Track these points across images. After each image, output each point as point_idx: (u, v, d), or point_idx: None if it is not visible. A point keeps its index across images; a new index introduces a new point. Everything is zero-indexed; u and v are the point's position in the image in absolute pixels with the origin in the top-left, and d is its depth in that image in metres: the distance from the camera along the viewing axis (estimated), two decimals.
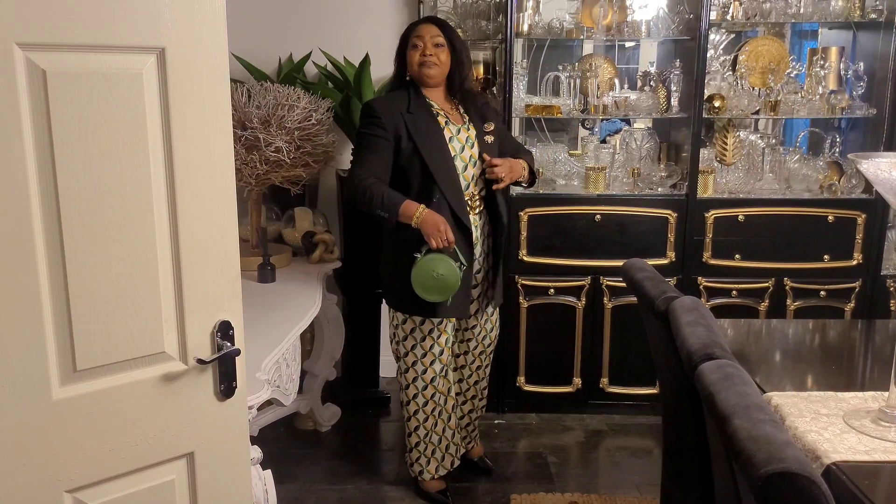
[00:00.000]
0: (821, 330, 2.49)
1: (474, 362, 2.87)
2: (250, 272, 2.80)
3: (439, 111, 2.58)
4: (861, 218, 3.32)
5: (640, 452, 3.20)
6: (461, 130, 2.58)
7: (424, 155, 2.48)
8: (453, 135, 2.55)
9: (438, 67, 2.53)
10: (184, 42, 1.30)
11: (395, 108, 2.53)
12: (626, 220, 3.33)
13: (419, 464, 2.78)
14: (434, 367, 2.66)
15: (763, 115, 3.39)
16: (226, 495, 1.52)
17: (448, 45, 2.54)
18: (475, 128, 2.62)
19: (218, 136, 1.37)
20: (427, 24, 2.57)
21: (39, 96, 1.17)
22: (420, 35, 2.52)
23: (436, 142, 2.51)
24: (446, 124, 2.56)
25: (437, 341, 2.64)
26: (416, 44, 2.53)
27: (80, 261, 1.25)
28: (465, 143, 2.57)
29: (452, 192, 2.50)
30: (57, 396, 1.26)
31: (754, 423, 1.18)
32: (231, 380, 1.46)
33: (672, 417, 2.06)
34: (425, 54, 2.51)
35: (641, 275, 2.10)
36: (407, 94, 2.56)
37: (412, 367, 2.67)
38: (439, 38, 2.52)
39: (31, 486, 1.26)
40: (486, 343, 2.85)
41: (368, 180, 2.46)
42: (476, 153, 2.59)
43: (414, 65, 2.53)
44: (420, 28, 2.55)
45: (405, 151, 2.50)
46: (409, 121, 2.50)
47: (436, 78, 2.55)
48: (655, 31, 3.39)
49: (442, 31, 2.53)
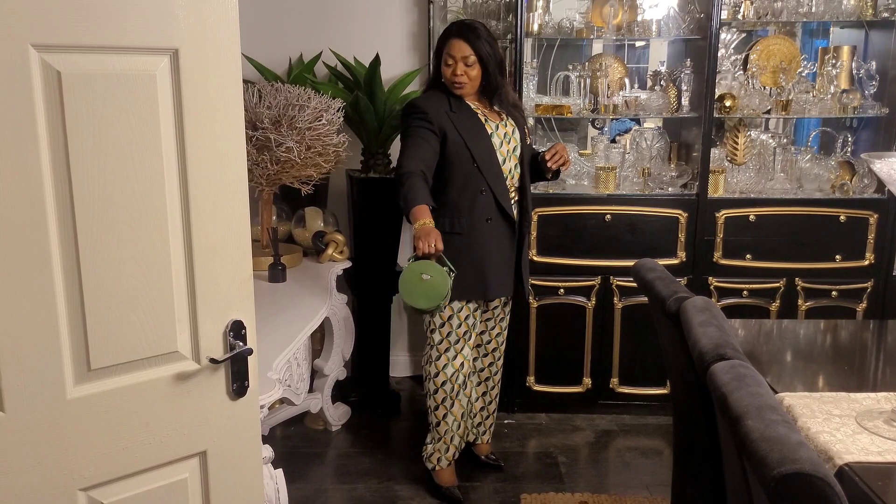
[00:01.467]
0: (832, 330, 2.48)
1: (494, 351, 2.94)
2: (261, 272, 2.81)
3: (477, 109, 2.70)
4: (873, 218, 3.30)
5: (650, 453, 3.19)
6: (499, 126, 2.70)
7: (472, 148, 2.61)
8: (493, 130, 2.68)
9: (469, 84, 2.64)
10: (197, 43, 1.30)
11: (439, 106, 2.64)
12: (636, 220, 3.32)
13: (438, 451, 2.82)
14: (463, 354, 2.75)
15: (774, 114, 3.37)
16: (238, 494, 1.53)
17: (479, 61, 2.61)
18: (512, 125, 2.74)
19: (231, 137, 1.38)
20: (458, 40, 2.60)
21: (54, 97, 1.18)
22: (451, 54, 2.61)
23: (481, 136, 2.64)
24: (486, 121, 2.68)
25: (457, 330, 2.72)
26: (447, 61, 2.63)
27: (94, 261, 1.26)
28: (503, 139, 2.69)
29: (497, 183, 2.65)
30: (71, 395, 1.27)
31: (767, 424, 1.17)
32: (243, 379, 1.47)
33: (683, 418, 2.06)
34: (456, 74, 2.61)
35: (652, 275, 2.09)
36: (446, 96, 2.67)
37: (444, 353, 2.72)
38: (470, 58, 2.60)
39: (45, 483, 1.27)
40: (503, 325, 2.92)
41: (410, 172, 2.51)
42: (512, 148, 2.71)
43: (447, 78, 2.65)
44: (452, 45, 2.61)
45: (452, 146, 2.61)
46: (453, 118, 2.63)
47: (468, 93, 2.68)
48: (666, 31, 3.38)
49: (472, 48, 2.59)
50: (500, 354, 2.97)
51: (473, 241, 2.67)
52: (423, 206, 2.47)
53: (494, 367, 2.96)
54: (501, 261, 2.72)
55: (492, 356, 2.94)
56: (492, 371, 2.96)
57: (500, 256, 2.72)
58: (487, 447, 3.07)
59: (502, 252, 2.72)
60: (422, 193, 2.49)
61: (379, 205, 3.37)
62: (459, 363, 2.75)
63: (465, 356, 2.76)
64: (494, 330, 2.90)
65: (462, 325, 2.73)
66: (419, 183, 2.50)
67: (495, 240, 2.69)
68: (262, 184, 2.89)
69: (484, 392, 2.99)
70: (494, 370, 2.96)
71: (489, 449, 3.07)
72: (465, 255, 2.64)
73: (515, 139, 2.72)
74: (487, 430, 3.05)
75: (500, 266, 2.72)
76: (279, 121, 2.78)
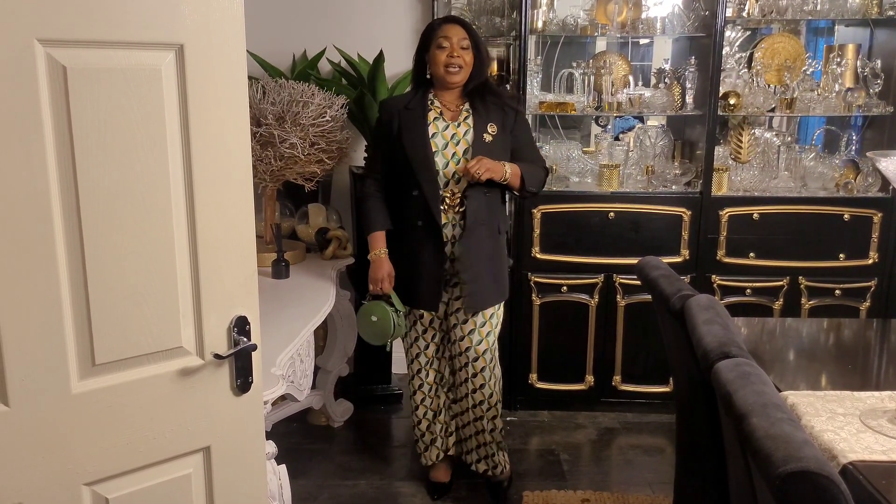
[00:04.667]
0: (836, 329, 2.47)
1: (461, 370, 2.69)
2: (264, 268, 2.81)
3: (437, 106, 2.58)
4: (877, 216, 3.29)
5: (652, 451, 3.19)
6: (450, 127, 2.55)
7: (407, 149, 2.54)
8: (438, 131, 2.55)
9: (464, 70, 2.52)
10: (202, 38, 1.30)
11: (397, 104, 2.62)
12: (639, 218, 3.31)
13: (419, 448, 2.85)
14: (419, 360, 2.74)
15: (779, 112, 3.36)
16: (241, 489, 1.53)
17: (473, 47, 2.53)
18: (475, 125, 2.55)
19: (235, 133, 1.38)
20: (453, 24, 2.54)
21: (60, 92, 1.17)
22: (447, 36, 2.51)
23: (419, 136, 2.53)
24: (434, 119, 2.56)
25: (421, 335, 2.72)
26: (442, 44, 2.51)
27: (99, 256, 1.26)
28: (449, 140, 2.54)
29: (429, 187, 2.52)
30: (76, 390, 1.27)
31: (772, 422, 1.17)
32: (247, 375, 1.47)
33: (686, 416, 2.06)
34: (452, 55, 2.50)
35: (656, 273, 2.09)
36: (414, 93, 2.63)
37: (409, 349, 2.77)
38: (466, 41, 2.51)
39: (49, 478, 1.27)
40: (468, 351, 2.64)
41: (366, 195, 2.67)
42: (462, 150, 2.53)
43: (440, 65, 2.52)
44: (447, 28, 2.53)
45: (395, 146, 2.57)
46: (403, 116, 2.57)
47: (460, 83, 2.55)
48: (670, 28, 3.37)
49: (468, 34, 2.53)
50: (475, 372, 2.65)
51: (403, 245, 2.62)
52: (377, 233, 2.60)
53: (469, 384, 2.67)
54: (433, 270, 2.56)
55: (464, 371, 2.67)
56: (468, 388, 2.68)
57: (432, 265, 2.56)
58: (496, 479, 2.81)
59: (433, 260, 2.55)
60: (376, 219, 2.62)
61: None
62: (418, 367, 2.74)
63: (423, 362, 2.73)
64: (463, 342, 2.63)
65: (415, 327, 2.71)
66: (375, 205, 2.64)
67: (426, 246, 2.55)
68: (265, 180, 2.89)
69: (461, 412, 2.76)
70: (470, 388, 2.67)
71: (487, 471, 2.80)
72: (396, 257, 2.62)
73: (467, 141, 2.53)
74: (483, 459, 2.77)
75: (431, 276, 2.57)
76: (283, 117, 2.78)
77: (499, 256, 2.65)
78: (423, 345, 2.73)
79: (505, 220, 2.73)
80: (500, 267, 2.67)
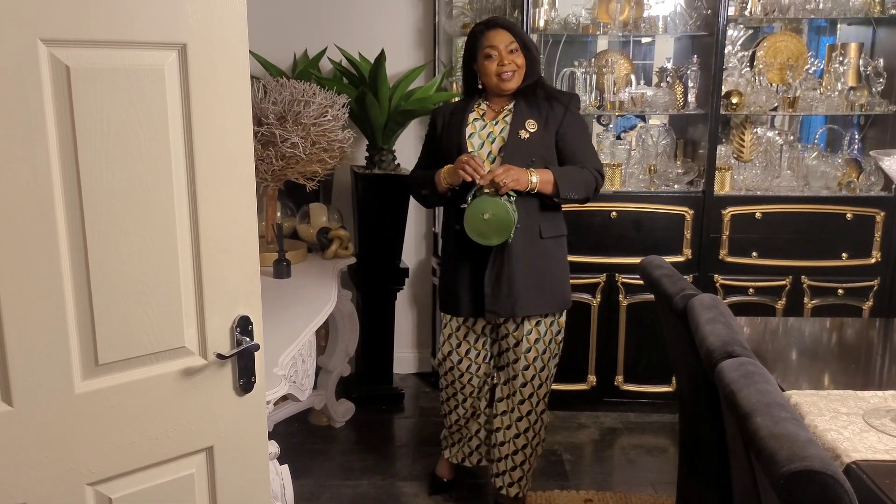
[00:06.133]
0: (838, 328, 2.47)
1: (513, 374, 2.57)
2: (266, 268, 2.81)
3: (481, 108, 2.52)
4: (880, 216, 3.29)
5: (655, 450, 3.19)
6: (487, 126, 2.48)
7: (445, 150, 2.52)
8: (476, 131, 2.48)
9: (518, 73, 2.42)
10: (205, 38, 1.30)
11: (447, 109, 2.62)
12: (641, 217, 3.31)
13: (444, 440, 2.81)
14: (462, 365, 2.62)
15: (781, 111, 3.36)
16: (244, 489, 1.53)
17: (522, 48, 2.43)
18: (513, 121, 2.44)
19: (238, 132, 1.38)
20: (497, 29, 2.42)
21: (63, 92, 1.17)
22: (493, 44, 2.40)
23: (456, 137, 2.49)
24: (474, 120, 2.50)
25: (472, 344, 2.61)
26: (489, 53, 2.41)
27: (102, 256, 1.26)
28: (485, 139, 2.46)
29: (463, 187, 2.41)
30: (79, 390, 1.27)
31: (776, 421, 1.17)
32: (250, 375, 1.46)
33: (689, 415, 2.05)
34: (503, 63, 2.40)
35: (659, 272, 2.09)
36: (467, 99, 2.58)
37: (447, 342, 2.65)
38: (513, 44, 2.40)
39: (53, 478, 1.27)
40: (520, 352, 2.52)
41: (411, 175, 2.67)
42: (497, 149, 2.44)
43: (492, 76, 2.43)
44: (491, 36, 2.41)
45: (437, 149, 2.58)
46: (448, 119, 2.56)
47: (516, 87, 2.44)
48: (672, 27, 3.37)
49: (514, 36, 2.42)
50: (524, 384, 2.53)
51: (446, 250, 2.60)
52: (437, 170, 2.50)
53: (518, 397, 2.56)
54: (468, 275, 2.48)
55: (511, 385, 2.57)
56: (513, 401, 2.57)
57: (469, 271, 2.48)
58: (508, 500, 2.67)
59: (470, 264, 2.48)
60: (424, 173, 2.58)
61: (384, 201, 3.37)
62: (457, 359, 2.61)
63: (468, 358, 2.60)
64: (510, 354, 2.55)
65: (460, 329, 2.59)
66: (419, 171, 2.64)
67: (464, 251, 2.46)
68: (266, 179, 2.89)
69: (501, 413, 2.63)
70: (518, 400, 2.56)
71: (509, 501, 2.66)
72: (442, 262, 2.64)
73: (503, 138, 2.43)
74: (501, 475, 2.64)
75: (468, 282, 2.48)
76: (284, 116, 2.78)
77: (544, 264, 2.48)
78: (473, 353, 2.61)
79: (555, 224, 2.51)
80: (546, 274, 2.49)
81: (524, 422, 2.59)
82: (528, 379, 2.55)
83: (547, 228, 2.48)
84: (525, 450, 2.62)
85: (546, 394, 2.61)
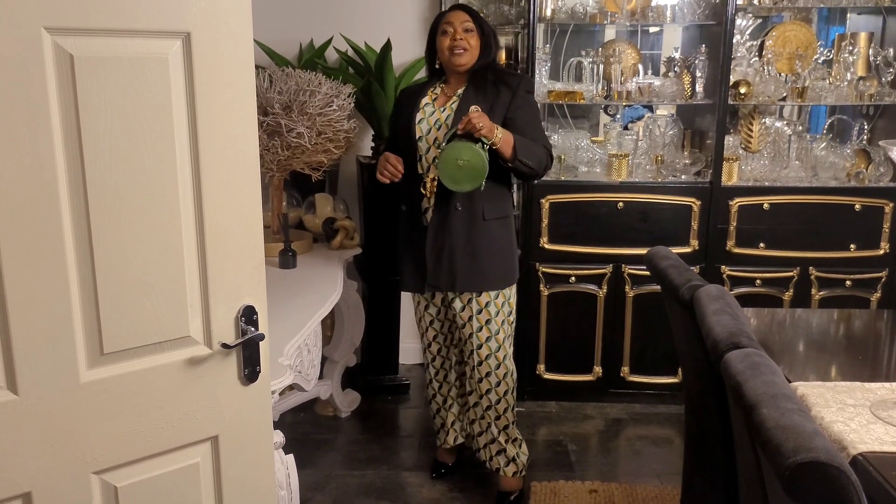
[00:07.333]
0: (846, 320, 2.46)
1: (467, 360, 2.66)
2: (271, 258, 2.81)
3: (434, 92, 2.60)
4: (889, 207, 3.27)
5: (660, 442, 3.19)
6: (435, 112, 2.53)
7: (397, 132, 2.62)
8: (425, 116, 2.54)
9: (469, 52, 2.49)
10: (210, 27, 1.29)
11: (407, 92, 2.68)
12: (648, 208, 3.30)
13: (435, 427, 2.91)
14: (431, 349, 2.79)
15: (790, 101, 3.34)
16: (249, 478, 1.53)
17: (477, 29, 2.52)
18: (458, 107, 2.49)
19: (243, 122, 1.37)
20: (456, 10, 2.55)
21: (67, 81, 1.17)
22: (450, 21, 2.51)
23: (406, 122, 2.57)
24: (425, 105, 2.56)
25: (428, 324, 2.75)
26: (445, 29, 2.51)
27: (107, 245, 1.26)
28: (433, 126, 2.52)
29: (411, 172, 2.54)
30: (84, 379, 1.28)
31: (782, 413, 1.17)
32: (255, 364, 1.47)
33: (695, 406, 2.05)
34: (455, 39, 2.48)
35: (666, 263, 2.08)
36: (428, 82, 2.66)
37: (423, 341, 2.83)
38: (469, 24, 2.50)
39: (58, 467, 1.28)
40: (471, 338, 2.59)
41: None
42: (443, 135, 2.47)
43: (444, 51, 2.51)
44: (449, 15, 2.54)
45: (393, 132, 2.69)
46: (405, 102, 2.63)
47: (466, 65, 2.50)
48: (680, 16, 3.34)
49: (471, 17, 2.52)
50: (480, 361, 2.59)
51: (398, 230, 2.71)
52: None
53: (476, 373, 2.62)
54: (413, 250, 2.59)
55: (470, 360, 2.63)
56: (475, 378, 2.63)
57: (414, 250, 2.58)
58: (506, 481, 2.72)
59: (415, 242, 2.57)
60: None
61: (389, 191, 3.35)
62: (431, 355, 2.80)
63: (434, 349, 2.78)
64: (465, 329, 2.60)
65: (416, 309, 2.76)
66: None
67: (410, 231, 2.61)
68: (272, 169, 2.89)
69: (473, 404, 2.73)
70: (476, 377, 2.62)
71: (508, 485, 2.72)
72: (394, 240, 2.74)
73: (447, 125, 2.48)
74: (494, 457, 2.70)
75: (414, 260, 2.58)
76: (290, 106, 2.77)
77: (485, 243, 2.52)
78: (431, 334, 2.76)
79: (499, 207, 2.55)
80: (488, 253, 2.52)
81: (485, 400, 2.64)
82: (482, 357, 2.59)
83: (490, 210, 2.52)
84: (506, 429, 2.67)
85: (506, 374, 2.63)
